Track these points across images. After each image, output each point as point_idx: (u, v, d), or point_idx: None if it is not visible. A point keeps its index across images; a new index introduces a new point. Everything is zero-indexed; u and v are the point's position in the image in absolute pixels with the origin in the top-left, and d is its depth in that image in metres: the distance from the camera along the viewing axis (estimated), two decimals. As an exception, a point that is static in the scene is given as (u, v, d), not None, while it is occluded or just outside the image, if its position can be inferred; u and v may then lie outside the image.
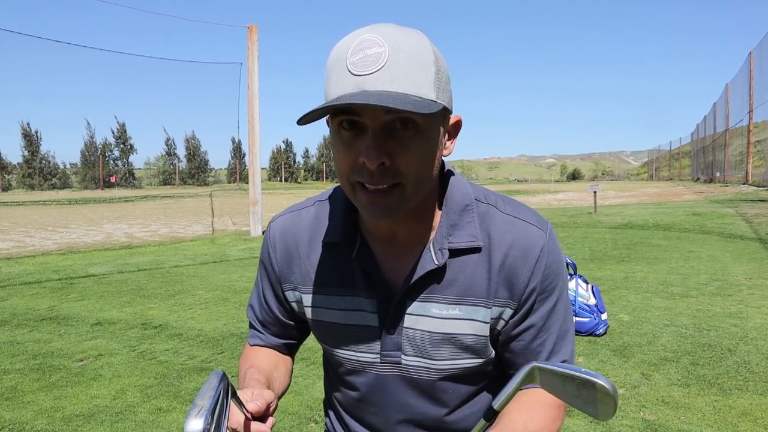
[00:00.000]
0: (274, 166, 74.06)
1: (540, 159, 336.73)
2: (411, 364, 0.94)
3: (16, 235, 13.02)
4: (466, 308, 0.91)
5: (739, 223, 11.14)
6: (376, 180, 0.79)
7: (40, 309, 5.55)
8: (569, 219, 13.64)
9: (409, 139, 0.79)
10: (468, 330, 0.91)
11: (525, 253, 0.90)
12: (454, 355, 0.92)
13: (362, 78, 0.75)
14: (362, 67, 0.76)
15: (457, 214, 0.92)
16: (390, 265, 0.94)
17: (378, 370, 0.96)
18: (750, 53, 24.61)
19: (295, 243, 1.01)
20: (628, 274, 6.60)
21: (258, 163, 12.42)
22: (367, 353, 0.96)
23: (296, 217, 1.03)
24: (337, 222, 0.96)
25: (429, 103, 0.76)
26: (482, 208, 0.93)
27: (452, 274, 0.91)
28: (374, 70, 0.75)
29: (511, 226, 0.92)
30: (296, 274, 1.01)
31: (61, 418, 3.05)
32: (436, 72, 0.79)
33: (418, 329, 0.92)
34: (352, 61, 0.76)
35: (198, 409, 0.71)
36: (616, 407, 0.70)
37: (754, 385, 3.26)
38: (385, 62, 0.75)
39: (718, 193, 21.24)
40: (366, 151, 0.78)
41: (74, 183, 56.80)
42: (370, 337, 0.95)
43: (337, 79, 0.77)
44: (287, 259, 1.02)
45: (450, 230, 0.91)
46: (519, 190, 36.73)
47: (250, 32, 11.88)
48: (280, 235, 1.02)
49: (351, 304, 0.95)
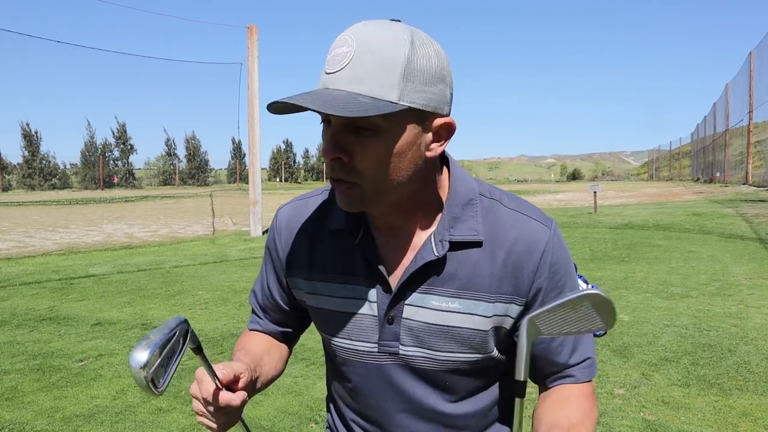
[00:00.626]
0: (274, 166, 74.08)
1: (540, 159, 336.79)
2: (409, 354, 0.93)
3: (16, 235, 13.02)
4: (466, 302, 0.90)
5: (739, 223, 11.14)
6: (335, 173, 0.83)
7: (40, 309, 5.55)
8: (569, 219, 13.64)
9: (367, 140, 0.80)
10: (467, 324, 0.91)
11: (529, 249, 0.90)
12: (453, 348, 0.92)
13: (328, 76, 0.79)
14: (330, 66, 0.79)
15: (460, 208, 0.92)
16: (391, 256, 0.94)
17: (376, 359, 0.96)
18: (750, 53, 24.61)
19: (301, 230, 1.02)
20: (628, 275, 6.60)
21: (258, 163, 12.43)
22: (365, 342, 0.96)
23: (303, 204, 1.04)
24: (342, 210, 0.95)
25: (384, 104, 0.77)
26: (486, 203, 0.93)
27: (453, 267, 0.91)
28: (337, 69, 0.78)
29: (515, 221, 0.92)
30: (300, 261, 1.01)
31: (61, 419, 3.05)
32: (405, 72, 0.78)
33: (417, 320, 0.92)
34: (328, 59, 0.80)
35: (147, 341, 0.72)
36: (614, 309, 0.73)
37: (754, 386, 3.26)
38: (348, 61, 0.78)
39: (718, 193, 21.24)
40: (324, 146, 0.83)
41: (74, 183, 56.78)
42: (368, 326, 0.95)
43: (320, 75, 0.82)
44: (292, 246, 1.02)
45: (452, 223, 0.91)
46: (519, 191, 36.74)
47: (250, 32, 11.88)
48: (287, 222, 1.04)
49: (351, 292, 0.96)
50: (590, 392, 0.96)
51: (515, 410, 0.80)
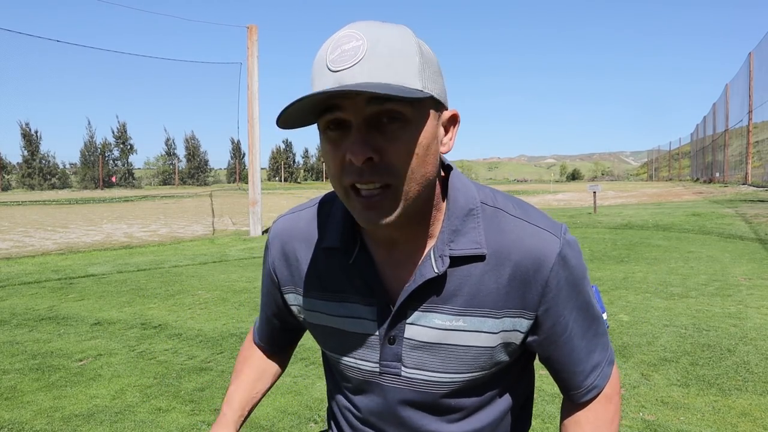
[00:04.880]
0: (273, 166, 74.08)
1: (540, 159, 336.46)
2: (411, 376, 0.89)
3: (16, 235, 13.02)
4: (472, 319, 0.85)
5: (738, 223, 11.14)
6: (366, 177, 0.75)
7: (39, 309, 5.55)
8: (569, 219, 13.64)
9: (397, 132, 0.74)
10: (473, 342, 0.86)
11: (537, 263, 0.83)
12: (457, 369, 0.87)
13: (340, 73, 0.73)
14: (340, 63, 0.73)
15: (461, 219, 0.85)
16: (390, 272, 0.89)
17: (378, 380, 0.92)
18: (750, 53, 24.62)
19: (293, 246, 0.98)
20: (627, 275, 6.60)
21: (258, 163, 12.42)
22: (367, 361, 0.92)
23: (296, 218, 1.00)
24: (336, 226, 0.91)
25: (413, 91, 0.73)
26: (489, 212, 0.87)
27: (456, 284, 0.85)
28: (352, 64, 0.72)
29: (522, 231, 0.85)
30: (295, 277, 0.99)
31: (61, 418, 3.05)
32: (421, 62, 0.76)
33: (420, 340, 0.87)
34: (331, 58, 0.74)
35: None
36: None
37: (753, 386, 3.26)
38: (363, 55, 0.72)
39: (717, 193, 21.24)
40: (351, 147, 0.74)
41: (74, 183, 56.80)
42: (369, 345, 0.91)
43: (318, 79, 0.75)
44: (285, 262, 0.99)
45: (452, 236, 0.85)
46: (518, 191, 36.73)
47: (249, 32, 11.87)
48: (279, 237, 1.00)
49: (349, 311, 0.92)
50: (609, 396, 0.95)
51: None
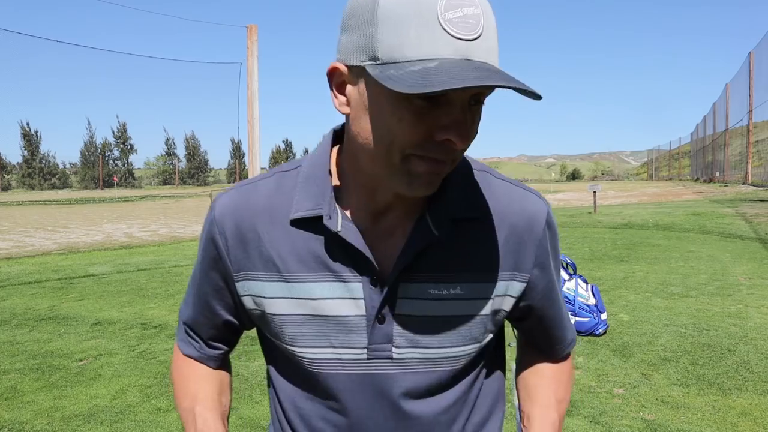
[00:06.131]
0: (273, 165, 74.06)
1: (540, 159, 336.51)
2: (403, 356, 0.81)
3: (16, 235, 13.02)
4: (468, 285, 0.81)
5: (738, 223, 11.14)
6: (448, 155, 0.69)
7: (39, 309, 5.55)
8: (569, 219, 13.64)
9: (476, 116, 0.70)
10: (469, 310, 0.81)
11: (530, 223, 0.83)
12: (452, 341, 0.81)
13: (465, 44, 0.62)
14: (464, 30, 0.62)
15: (455, 183, 0.81)
16: (378, 243, 0.80)
17: (363, 368, 0.81)
18: (750, 53, 24.61)
19: (251, 223, 0.82)
20: (627, 274, 6.60)
21: (258, 163, 12.41)
22: (351, 349, 0.81)
23: (252, 190, 0.84)
24: (318, 192, 0.80)
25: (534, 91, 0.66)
26: (479, 175, 0.84)
27: (451, 248, 0.80)
28: (475, 36, 0.63)
29: (513, 193, 0.84)
30: (254, 261, 0.82)
31: (61, 418, 3.05)
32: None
33: (414, 315, 0.80)
34: (449, 18, 0.62)
35: None
36: None
37: (753, 385, 3.26)
38: (482, 29, 0.64)
39: (717, 193, 21.24)
40: (457, 128, 0.66)
41: (74, 183, 56.86)
42: (355, 329, 0.80)
43: (424, 32, 0.62)
44: (241, 243, 0.82)
45: (449, 199, 0.80)
46: (519, 190, 36.70)
47: (249, 32, 11.87)
48: (232, 215, 0.83)
49: (330, 291, 0.79)
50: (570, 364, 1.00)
51: None
